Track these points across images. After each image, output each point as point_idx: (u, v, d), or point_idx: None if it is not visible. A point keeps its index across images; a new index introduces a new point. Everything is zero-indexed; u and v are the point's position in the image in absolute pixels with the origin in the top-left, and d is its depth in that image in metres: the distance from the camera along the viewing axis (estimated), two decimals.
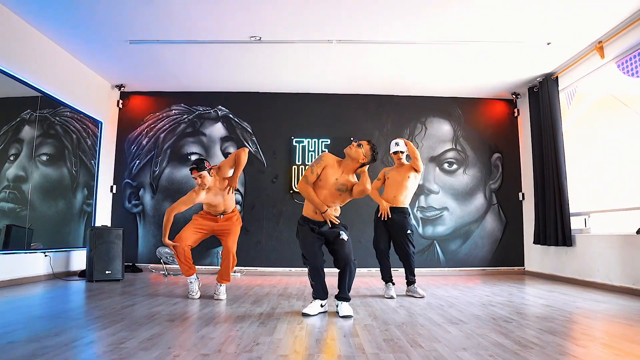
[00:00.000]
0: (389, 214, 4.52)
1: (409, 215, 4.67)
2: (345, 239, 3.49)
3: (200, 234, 4.31)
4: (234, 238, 4.34)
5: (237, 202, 6.83)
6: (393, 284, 4.52)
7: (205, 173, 4.10)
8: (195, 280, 4.30)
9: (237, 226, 4.41)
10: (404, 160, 4.69)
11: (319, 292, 3.50)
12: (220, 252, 6.69)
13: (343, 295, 3.47)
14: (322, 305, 3.50)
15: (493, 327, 2.95)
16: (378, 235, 4.64)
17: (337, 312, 3.43)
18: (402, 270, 4.64)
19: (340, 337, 2.67)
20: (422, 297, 4.40)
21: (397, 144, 4.67)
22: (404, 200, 4.63)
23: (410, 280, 4.56)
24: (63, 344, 2.38)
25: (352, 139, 6.91)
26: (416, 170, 4.60)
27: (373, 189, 4.63)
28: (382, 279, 4.58)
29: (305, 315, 3.37)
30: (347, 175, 3.52)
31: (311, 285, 3.55)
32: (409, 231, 4.57)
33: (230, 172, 4.30)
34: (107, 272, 5.34)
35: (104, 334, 2.64)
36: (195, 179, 4.12)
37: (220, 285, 4.27)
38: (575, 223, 5.77)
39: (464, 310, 3.59)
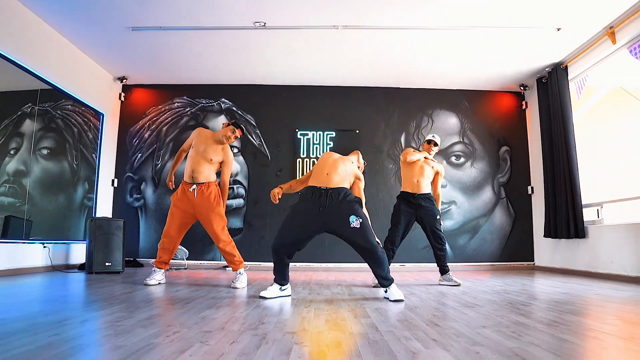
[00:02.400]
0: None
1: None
2: (358, 226, 3.18)
3: (182, 223, 4.19)
4: (216, 221, 4.11)
5: (240, 196, 6.70)
6: None
7: (238, 135, 4.25)
8: (159, 272, 4.20)
9: (216, 207, 4.13)
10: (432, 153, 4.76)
11: (278, 275, 3.35)
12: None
13: (384, 281, 3.27)
14: (281, 289, 3.36)
15: (511, 309, 2.79)
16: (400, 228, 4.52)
17: (387, 298, 3.27)
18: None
19: (351, 318, 2.52)
20: (459, 284, 4.35)
21: (434, 136, 4.78)
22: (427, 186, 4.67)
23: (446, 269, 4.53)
24: (55, 322, 2.23)
25: (357, 131, 6.79)
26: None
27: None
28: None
29: (262, 297, 3.24)
30: None
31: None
32: (438, 216, 4.56)
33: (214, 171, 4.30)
34: (107, 263, 5.20)
35: (100, 314, 2.50)
36: (233, 132, 4.19)
37: (237, 273, 4.12)
38: (587, 214, 5.62)
39: (477, 297, 3.43)
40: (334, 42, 5.57)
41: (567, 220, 5.72)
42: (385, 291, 3.30)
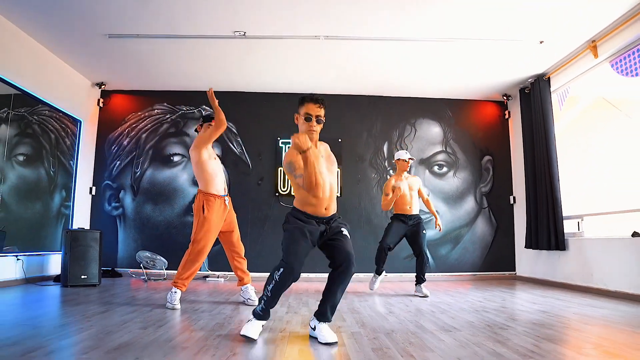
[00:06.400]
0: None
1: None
2: (348, 236, 2.72)
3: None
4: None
5: None
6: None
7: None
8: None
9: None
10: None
11: (269, 309, 2.69)
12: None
13: (325, 313, 2.64)
14: (262, 326, 2.75)
15: (489, 334, 2.76)
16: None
17: (316, 338, 2.61)
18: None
19: (323, 347, 2.47)
20: (426, 296, 4.65)
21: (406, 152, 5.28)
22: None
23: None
24: (18, 355, 2.15)
25: (339, 140, 6.74)
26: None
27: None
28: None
29: (246, 337, 2.58)
30: None
31: (264, 296, 2.63)
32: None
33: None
34: (82, 277, 5.07)
35: (68, 343, 2.41)
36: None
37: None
38: (568, 227, 5.63)
39: (456, 317, 3.40)
40: (316, 51, 5.51)
41: (548, 231, 5.73)
42: (314, 327, 2.69)
